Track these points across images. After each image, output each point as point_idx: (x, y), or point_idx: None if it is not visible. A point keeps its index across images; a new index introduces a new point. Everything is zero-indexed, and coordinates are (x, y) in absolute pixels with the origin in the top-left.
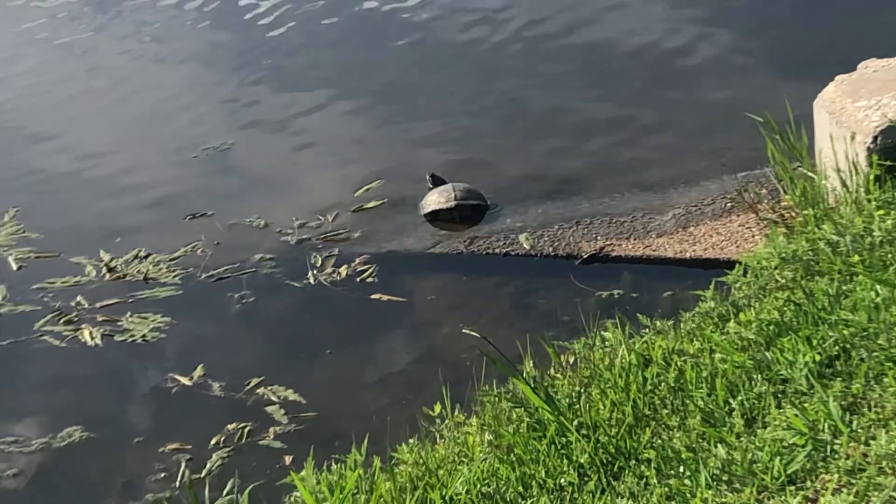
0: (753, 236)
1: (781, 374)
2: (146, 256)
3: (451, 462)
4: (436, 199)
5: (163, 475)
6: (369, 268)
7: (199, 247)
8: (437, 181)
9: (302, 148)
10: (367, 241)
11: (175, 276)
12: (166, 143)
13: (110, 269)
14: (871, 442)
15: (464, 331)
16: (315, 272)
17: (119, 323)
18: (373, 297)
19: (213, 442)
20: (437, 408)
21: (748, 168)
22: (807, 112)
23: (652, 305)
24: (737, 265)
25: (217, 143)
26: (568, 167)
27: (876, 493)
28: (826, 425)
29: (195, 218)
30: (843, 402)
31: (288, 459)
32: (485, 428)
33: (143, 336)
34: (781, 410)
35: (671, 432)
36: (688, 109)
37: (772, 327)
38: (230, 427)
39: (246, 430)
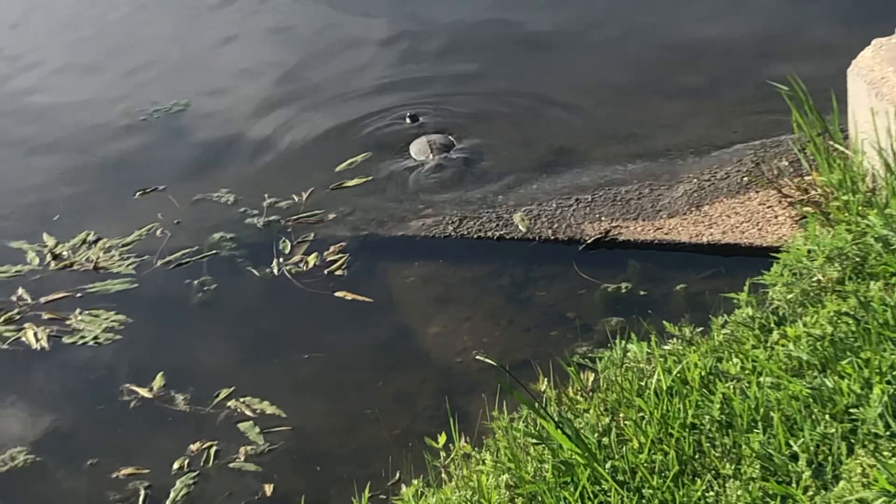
0: (776, 217)
1: (851, 412)
2: (96, 241)
3: None
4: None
5: None
6: (341, 258)
7: (157, 227)
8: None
9: (272, 111)
10: (343, 224)
11: (129, 266)
12: (109, 102)
13: (55, 257)
14: None
15: (476, 357)
16: (281, 260)
17: (67, 322)
18: (337, 294)
19: (175, 466)
20: (442, 438)
21: (763, 135)
22: (831, 74)
23: (666, 300)
24: (774, 265)
25: (168, 104)
26: (563, 133)
27: None
28: None
29: (146, 193)
30: None
31: (269, 489)
32: (499, 466)
33: (95, 338)
34: (855, 458)
35: (725, 483)
36: (694, 69)
37: (826, 345)
38: (194, 447)
39: (213, 451)
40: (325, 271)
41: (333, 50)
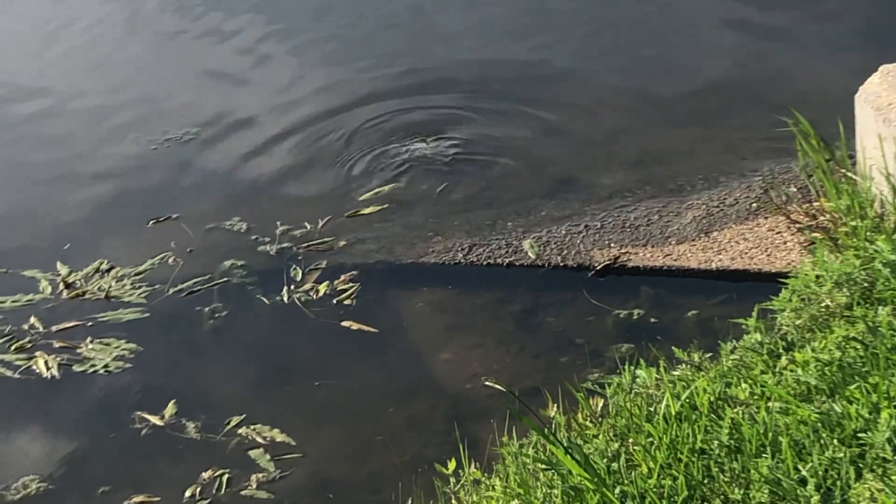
0: (785, 243)
1: (859, 437)
2: (108, 270)
3: None
4: None
5: None
6: (352, 287)
7: (169, 256)
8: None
9: (285, 139)
10: (354, 251)
11: (140, 294)
12: (120, 132)
13: (68, 286)
14: None
15: (486, 383)
16: (292, 287)
17: (78, 350)
18: (343, 324)
19: (187, 494)
20: (452, 464)
21: (771, 160)
22: (839, 100)
23: (676, 326)
24: (782, 290)
25: (179, 133)
26: (572, 160)
27: None
28: None
29: (160, 222)
30: None
31: None
32: (509, 492)
33: (106, 366)
34: (863, 482)
35: None
36: (702, 96)
37: (834, 370)
38: (205, 475)
39: (225, 479)
40: (335, 300)
41: (346, 75)
